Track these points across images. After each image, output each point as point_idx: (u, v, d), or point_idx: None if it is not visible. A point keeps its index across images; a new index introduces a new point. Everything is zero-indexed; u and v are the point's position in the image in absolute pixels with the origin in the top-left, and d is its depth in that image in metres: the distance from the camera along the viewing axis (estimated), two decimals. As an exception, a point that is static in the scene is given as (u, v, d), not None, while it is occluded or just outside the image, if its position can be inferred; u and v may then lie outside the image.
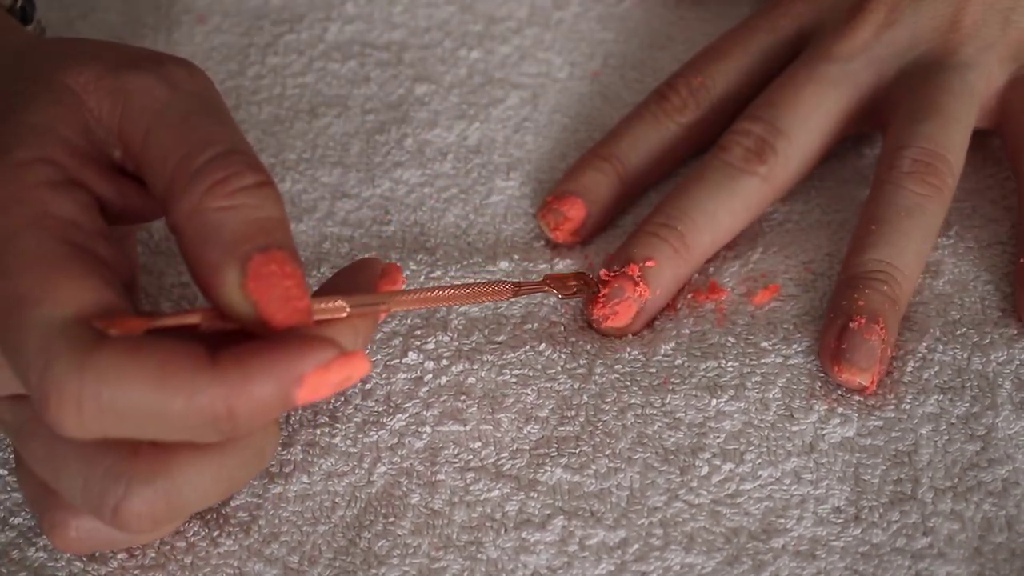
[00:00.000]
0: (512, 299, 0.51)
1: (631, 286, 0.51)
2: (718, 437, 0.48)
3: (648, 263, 0.51)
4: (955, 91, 0.53)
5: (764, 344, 0.50)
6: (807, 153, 0.54)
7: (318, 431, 0.49)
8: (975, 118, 0.54)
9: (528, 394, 0.50)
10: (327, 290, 0.44)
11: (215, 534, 0.46)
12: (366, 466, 0.48)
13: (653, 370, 0.50)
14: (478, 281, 0.53)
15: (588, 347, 0.51)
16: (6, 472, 0.48)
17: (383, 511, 0.47)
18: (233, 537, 0.46)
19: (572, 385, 0.50)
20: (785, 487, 0.46)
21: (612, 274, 0.51)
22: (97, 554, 0.46)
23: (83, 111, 0.42)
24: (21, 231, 0.38)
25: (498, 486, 0.47)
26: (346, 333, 0.41)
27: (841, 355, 0.48)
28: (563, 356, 0.51)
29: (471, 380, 0.50)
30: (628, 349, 0.51)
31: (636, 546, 0.45)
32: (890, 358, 0.49)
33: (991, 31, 0.54)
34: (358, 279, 0.44)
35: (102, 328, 0.37)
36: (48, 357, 0.37)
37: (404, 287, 0.46)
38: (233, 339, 0.39)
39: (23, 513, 0.47)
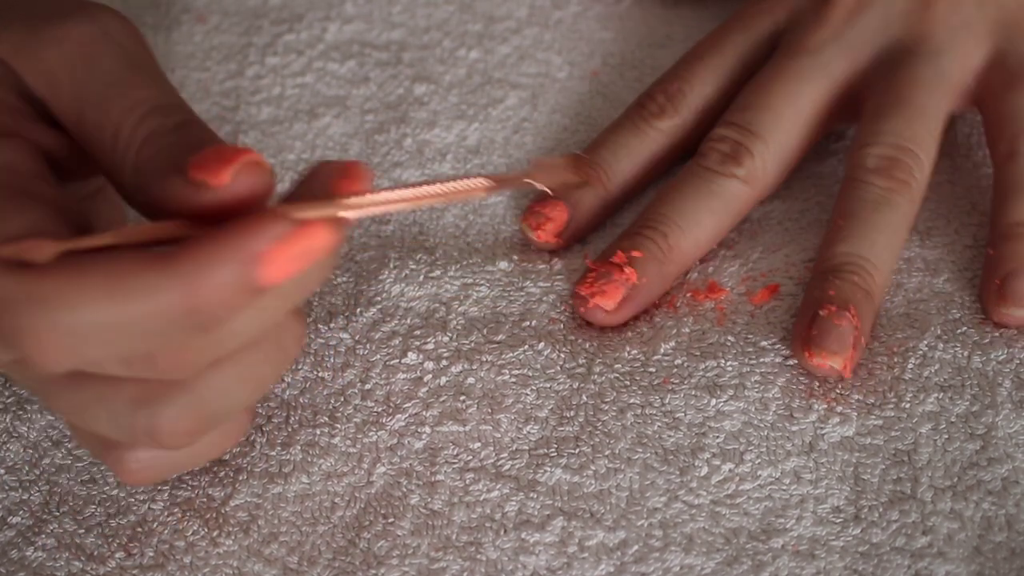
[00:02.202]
0: (490, 194, 0.47)
1: (618, 272, 0.51)
2: (718, 437, 0.48)
3: (634, 253, 0.51)
4: (924, 82, 0.53)
5: (764, 343, 0.50)
6: (785, 151, 0.54)
7: (317, 431, 0.49)
8: (948, 105, 0.54)
9: (527, 394, 0.50)
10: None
11: (214, 534, 0.46)
12: (365, 466, 0.48)
13: (652, 370, 0.50)
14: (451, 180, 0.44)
15: (587, 346, 0.51)
16: (3, 471, 0.48)
17: (382, 511, 0.47)
18: (232, 537, 0.46)
19: (571, 385, 0.50)
20: (785, 487, 0.46)
21: (599, 264, 0.51)
22: (95, 553, 0.46)
23: (14, 75, 0.42)
24: None
25: (497, 487, 0.47)
26: None
27: (811, 340, 0.48)
28: (562, 356, 0.51)
29: (470, 380, 0.50)
30: (627, 348, 0.51)
31: (636, 547, 0.45)
32: (865, 346, 0.50)
33: (966, 9, 0.54)
34: (313, 187, 0.41)
35: (5, 255, 0.36)
36: None
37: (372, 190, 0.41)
38: None
39: (22, 512, 0.47)
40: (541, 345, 0.51)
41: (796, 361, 0.50)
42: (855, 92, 0.55)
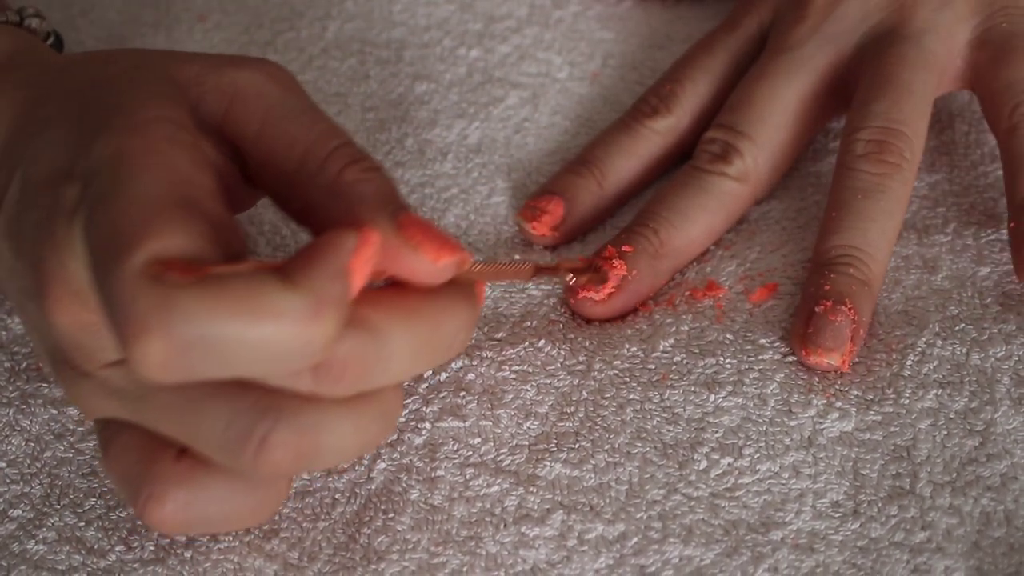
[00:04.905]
0: (531, 281, 0.53)
1: (607, 264, 0.52)
2: (716, 432, 0.48)
3: (624, 248, 0.52)
4: (908, 62, 0.53)
5: (762, 341, 0.50)
6: (775, 148, 0.55)
7: (318, 427, 0.49)
8: (934, 84, 0.54)
9: (527, 390, 0.50)
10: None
11: (215, 529, 0.46)
12: (366, 462, 0.48)
13: (652, 366, 0.50)
14: (499, 261, 0.55)
15: (587, 343, 0.51)
16: (5, 464, 0.49)
17: (383, 507, 0.47)
18: (233, 532, 0.46)
19: (571, 381, 0.50)
20: (784, 481, 0.46)
21: (589, 259, 0.52)
22: (96, 547, 0.46)
23: (189, 100, 0.44)
24: (141, 174, 0.39)
25: (497, 481, 0.47)
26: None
27: (808, 339, 0.49)
28: (562, 352, 0.51)
29: (470, 376, 0.50)
30: (627, 346, 0.51)
31: (635, 539, 0.45)
32: (864, 336, 0.50)
33: None
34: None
35: (156, 274, 0.36)
36: (134, 292, 0.36)
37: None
38: None
39: (23, 505, 0.47)
40: (541, 342, 0.51)
41: (794, 358, 0.50)
42: (843, 83, 0.55)
